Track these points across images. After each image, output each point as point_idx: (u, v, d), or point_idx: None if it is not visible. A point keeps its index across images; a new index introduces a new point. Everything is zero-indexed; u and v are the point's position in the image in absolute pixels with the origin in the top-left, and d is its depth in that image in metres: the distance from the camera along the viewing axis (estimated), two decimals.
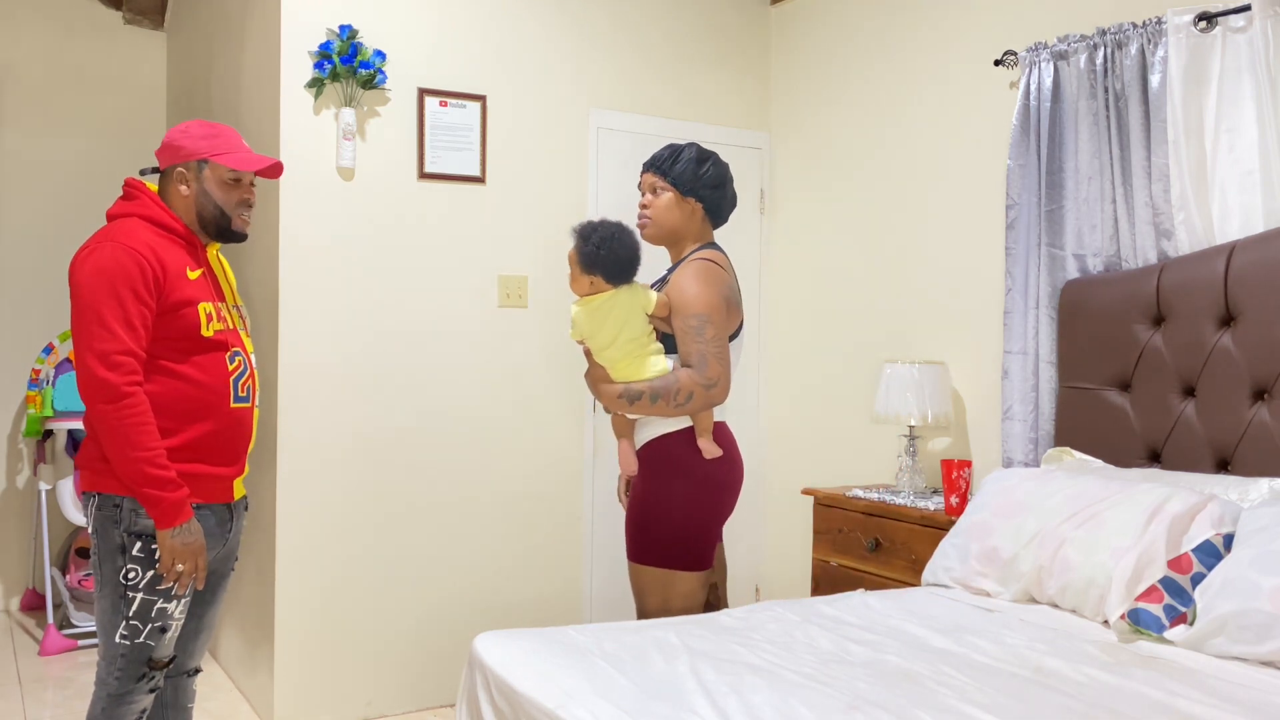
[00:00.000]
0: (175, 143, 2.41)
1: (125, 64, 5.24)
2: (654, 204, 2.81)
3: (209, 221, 2.42)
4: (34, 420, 4.58)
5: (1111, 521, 2.50)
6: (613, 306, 2.71)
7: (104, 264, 2.24)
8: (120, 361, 2.21)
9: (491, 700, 2.06)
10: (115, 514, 2.32)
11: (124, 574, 2.34)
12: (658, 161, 2.82)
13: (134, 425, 2.21)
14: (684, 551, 2.72)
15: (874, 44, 4.05)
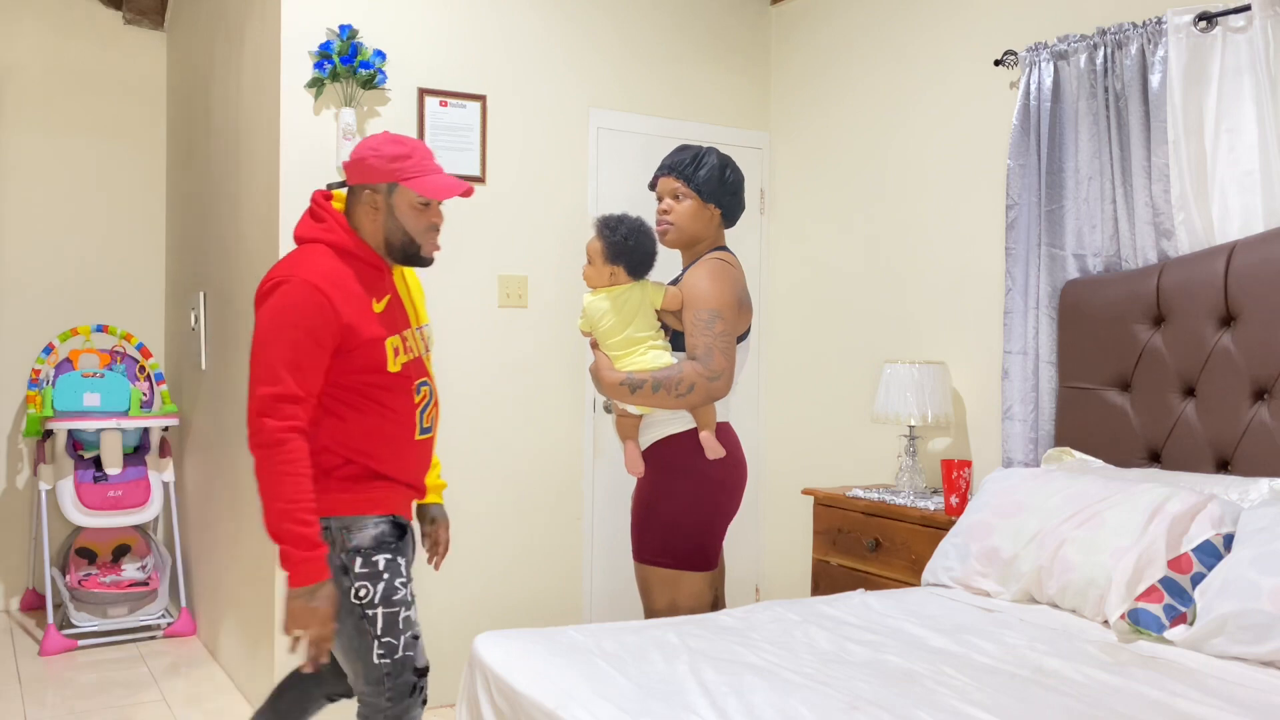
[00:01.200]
0: (365, 161, 2.29)
1: (125, 64, 5.24)
2: (676, 210, 2.81)
3: (395, 247, 2.33)
4: (34, 420, 4.59)
5: (1111, 521, 2.50)
6: (628, 299, 2.73)
7: (282, 303, 2.16)
8: (279, 408, 2.13)
9: (491, 700, 2.06)
10: (325, 536, 2.23)
11: (355, 593, 2.24)
12: (679, 167, 2.81)
13: (283, 474, 2.12)
14: (690, 552, 2.73)
15: (874, 44, 4.05)
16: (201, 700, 3.81)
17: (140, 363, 4.99)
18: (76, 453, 4.68)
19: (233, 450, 4.06)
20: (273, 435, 2.12)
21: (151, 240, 5.34)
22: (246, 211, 3.88)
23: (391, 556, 2.28)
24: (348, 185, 2.34)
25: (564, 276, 4.03)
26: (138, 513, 4.60)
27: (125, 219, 5.27)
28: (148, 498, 4.63)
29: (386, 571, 2.26)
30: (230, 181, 4.11)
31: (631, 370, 2.70)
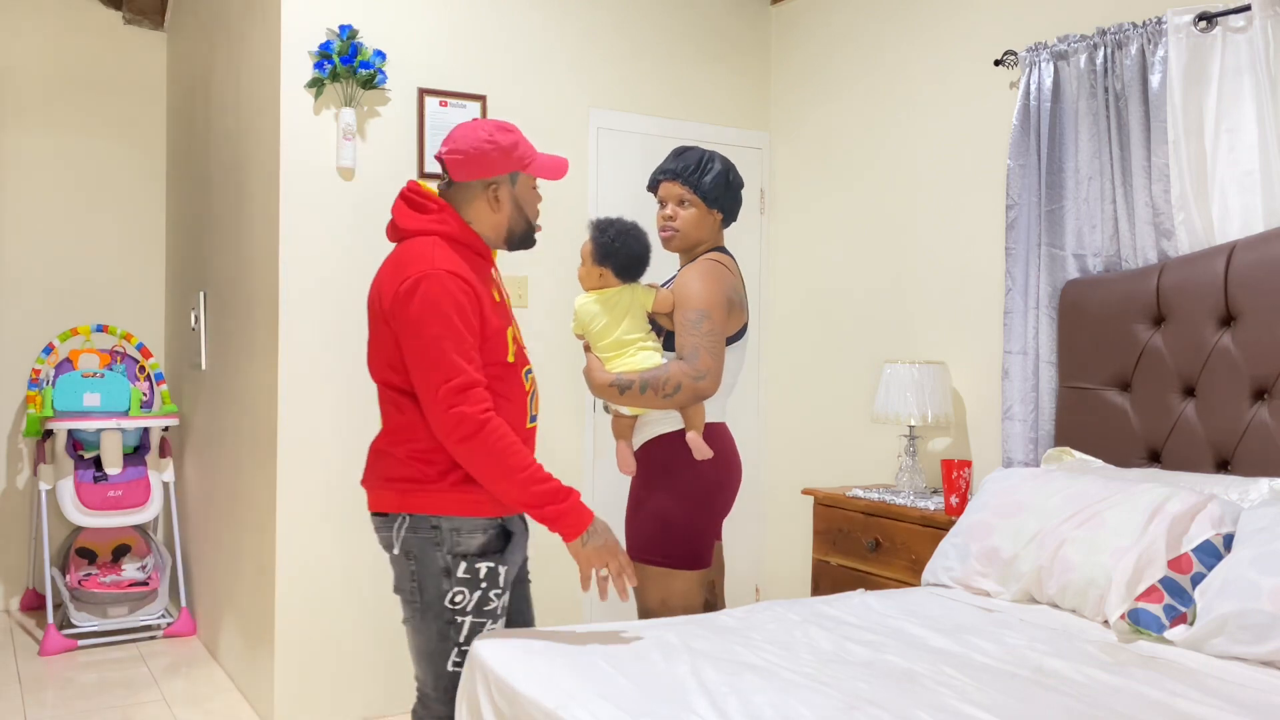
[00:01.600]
0: (486, 155, 2.23)
1: (125, 64, 5.24)
2: (681, 216, 2.81)
3: (516, 235, 2.32)
4: (34, 420, 4.59)
5: (1111, 521, 2.50)
6: (618, 301, 2.74)
7: (433, 295, 2.12)
8: (468, 395, 2.10)
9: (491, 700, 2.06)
10: (435, 535, 2.19)
11: (451, 598, 2.21)
12: (684, 173, 2.80)
13: (503, 450, 2.10)
14: (682, 550, 2.73)
15: (874, 44, 4.05)
16: (201, 700, 3.81)
17: (140, 363, 4.99)
18: (76, 453, 4.68)
19: (233, 450, 4.06)
20: (475, 421, 2.10)
21: (151, 240, 5.34)
22: (246, 211, 3.88)
23: (494, 565, 2.23)
24: (451, 180, 2.28)
25: (564, 276, 4.03)
26: (138, 513, 4.59)
27: (125, 219, 5.27)
28: (148, 498, 4.63)
29: (486, 580, 2.22)
30: (230, 181, 4.11)
31: (621, 371, 2.70)
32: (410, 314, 2.13)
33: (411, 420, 2.20)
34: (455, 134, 2.27)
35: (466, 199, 2.28)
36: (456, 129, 2.28)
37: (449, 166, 2.26)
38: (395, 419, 2.23)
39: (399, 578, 2.26)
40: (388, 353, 2.20)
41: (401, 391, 2.22)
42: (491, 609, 2.24)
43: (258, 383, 3.73)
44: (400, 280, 2.15)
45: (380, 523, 2.27)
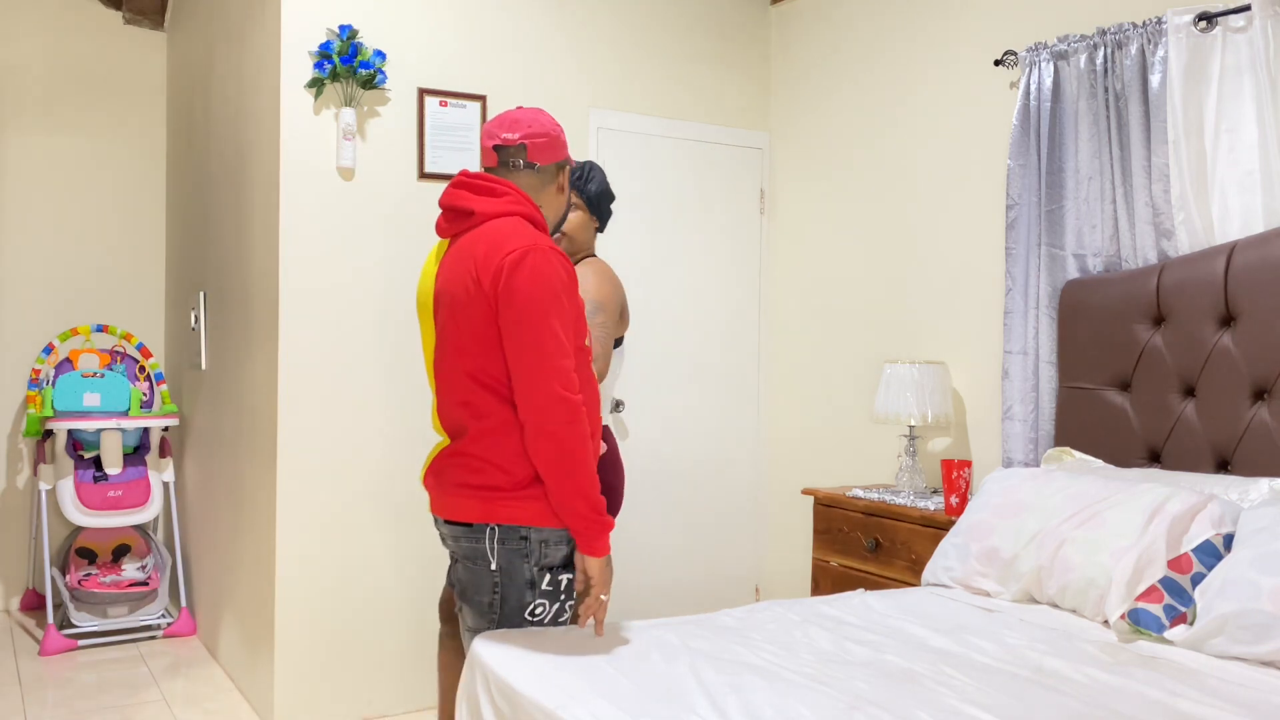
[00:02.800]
0: (560, 136, 2.25)
1: (125, 64, 5.24)
2: (570, 221, 2.92)
3: (558, 222, 2.39)
4: (34, 420, 4.59)
5: (1111, 521, 2.50)
6: None
7: (543, 270, 2.06)
8: (572, 379, 2.07)
9: (491, 700, 2.06)
10: (524, 547, 2.16)
11: (531, 610, 2.20)
12: (573, 180, 2.92)
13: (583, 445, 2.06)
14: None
15: (874, 44, 4.05)
16: (201, 700, 3.81)
17: (140, 363, 4.99)
18: (76, 453, 4.68)
19: (233, 450, 4.06)
20: (574, 409, 2.05)
21: (151, 240, 5.34)
22: (246, 211, 3.88)
23: (571, 577, 2.22)
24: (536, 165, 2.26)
25: None
26: (138, 513, 4.59)
27: (125, 219, 5.27)
28: (148, 498, 4.63)
29: (565, 592, 2.21)
30: (230, 181, 4.11)
31: None
32: (518, 287, 2.06)
33: (497, 424, 2.14)
34: (521, 118, 2.25)
35: (540, 183, 2.27)
36: (517, 114, 2.26)
37: (533, 149, 2.24)
38: (478, 423, 2.16)
39: (475, 588, 2.21)
40: (482, 341, 2.12)
41: (489, 390, 2.15)
42: (565, 620, 2.24)
43: (258, 383, 3.73)
44: (503, 254, 2.08)
45: (462, 532, 2.21)
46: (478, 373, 2.15)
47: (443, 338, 2.21)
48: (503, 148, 2.25)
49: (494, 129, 2.27)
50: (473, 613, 2.23)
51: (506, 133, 2.24)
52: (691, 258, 4.35)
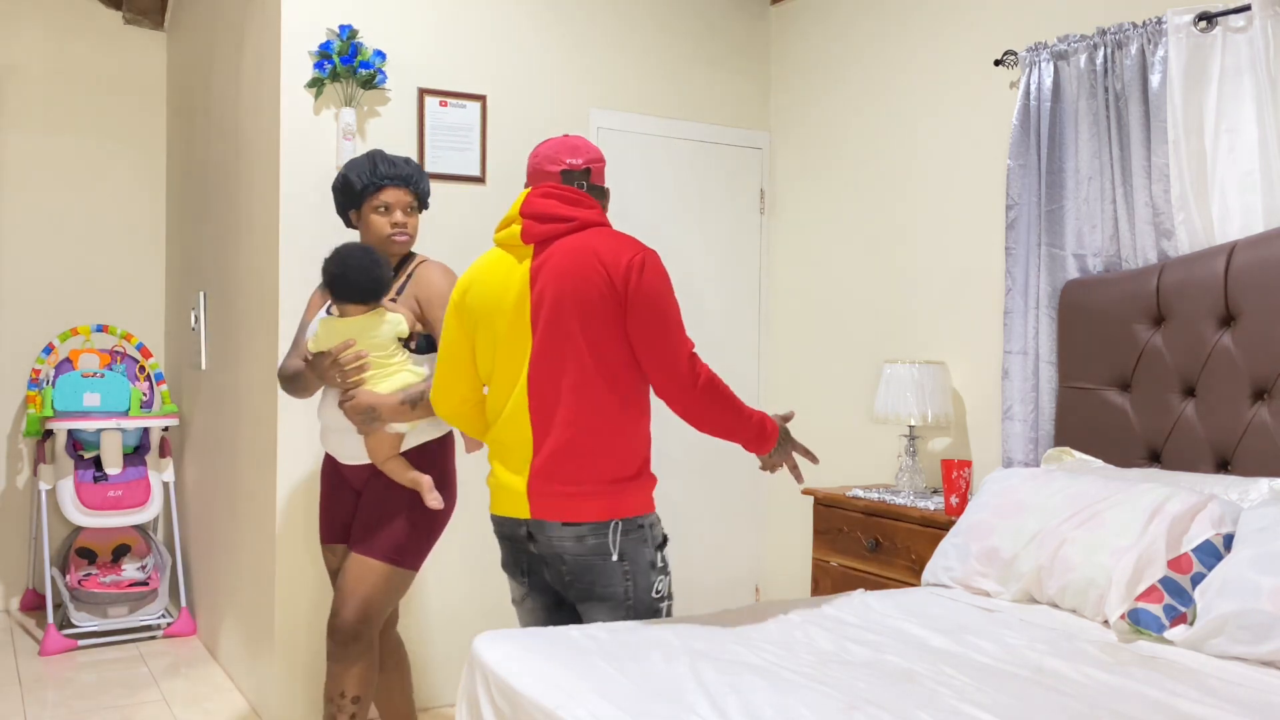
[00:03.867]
0: (605, 164, 2.51)
1: (125, 64, 5.24)
2: (409, 223, 2.88)
3: None
4: (34, 420, 4.59)
5: (1111, 521, 2.50)
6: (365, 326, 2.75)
7: (660, 271, 2.31)
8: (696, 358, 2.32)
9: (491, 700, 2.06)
10: (642, 534, 2.35)
11: (655, 589, 2.37)
12: (412, 180, 2.89)
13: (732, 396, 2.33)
14: (421, 555, 2.86)
15: (874, 44, 4.05)
16: (201, 700, 3.81)
17: (140, 363, 4.99)
18: (76, 453, 4.68)
19: (233, 450, 4.06)
20: (708, 373, 2.30)
21: (151, 240, 5.34)
22: (246, 211, 3.88)
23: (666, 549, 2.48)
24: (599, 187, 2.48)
25: None
26: (138, 513, 4.59)
27: (125, 219, 5.27)
28: (148, 498, 4.63)
29: (668, 565, 2.44)
30: (230, 181, 4.11)
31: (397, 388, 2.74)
32: (646, 287, 2.27)
33: (612, 419, 2.29)
34: (579, 145, 2.46)
35: (595, 196, 2.48)
36: (575, 142, 2.47)
37: (594, 173, 2.47)
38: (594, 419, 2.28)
39: (605, 582, 2.34)
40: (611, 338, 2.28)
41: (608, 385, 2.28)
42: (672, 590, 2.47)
43: (258, 383, 3.73)
44: (629, 256, 2.28)
45: (587, 530, 2.31)
46: (601, 369, 2.28)
47: (552, 338, 2.30)
48: (569, 172, 2.44)
49: (558, 155, 2.44)
50: (605, 608, 2.37)
51: (571, 158, 2.44)
52: (691, 258, 4.35)
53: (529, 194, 2.39)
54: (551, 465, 2.30)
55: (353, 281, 2.70)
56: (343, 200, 2.88)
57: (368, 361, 2.72)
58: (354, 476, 2.90)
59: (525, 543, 2.41)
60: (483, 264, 2.45)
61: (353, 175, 2.83)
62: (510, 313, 2.35)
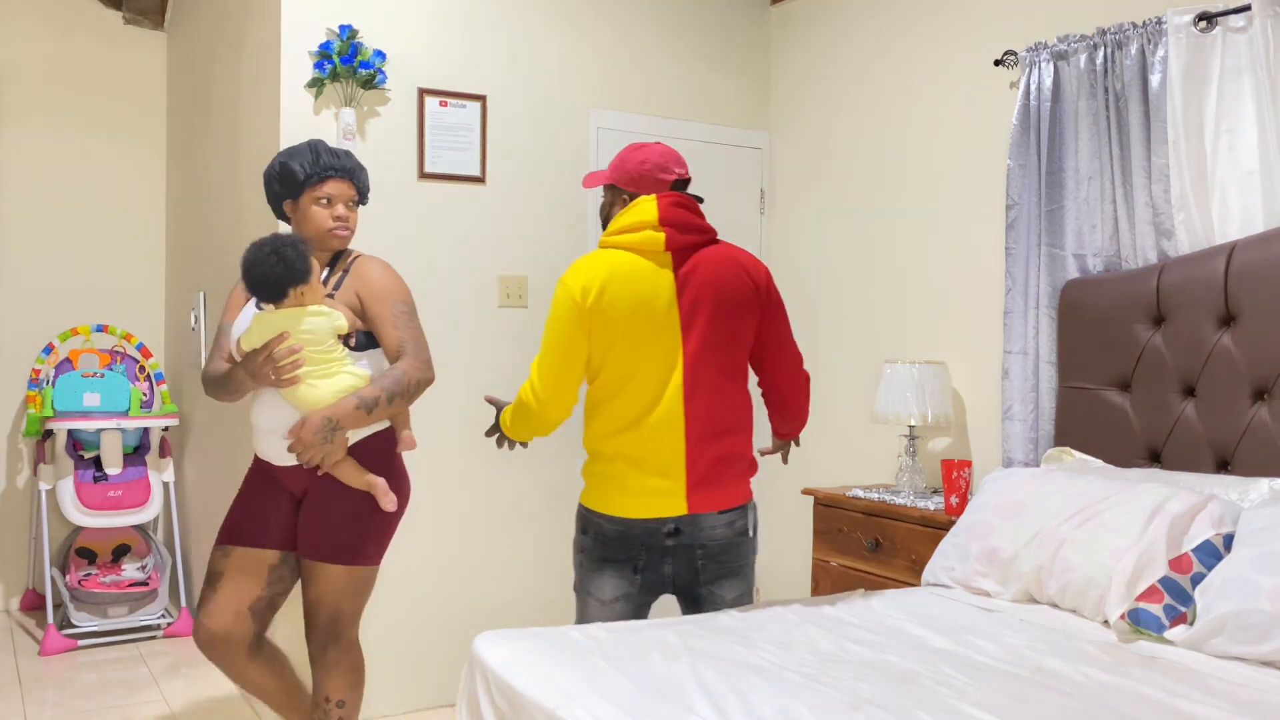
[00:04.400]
0: None
1: (125, 64, 5.24)
2: (351, 217, 2.76)
3: None
4: (34, 420, 4.59)
5: (1111, 521, 2.50)
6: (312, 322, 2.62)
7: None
8: None
9: (491, 700, 2.06)
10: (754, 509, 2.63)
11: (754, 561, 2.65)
12: (353, 173, 2.75)
13: None
14: (383, 548, 2.82)
15: (874, 44, 4.05)
16: (201, 700, 3.81)
17: (140, 363, 4.99)
18: (76, 453, 4.68)
19: (233, 450, 4.06)
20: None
21: (151, 240, 5.34)
22: (246, 212, 3.88)
23: None
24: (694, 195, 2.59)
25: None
26: (138, 513, 4.59)
27: (125, 218, 5.27)
28: (148, 498, 4.63)
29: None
30: (230, 181, 4.11)
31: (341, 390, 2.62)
32: (777, 295, 2.57)
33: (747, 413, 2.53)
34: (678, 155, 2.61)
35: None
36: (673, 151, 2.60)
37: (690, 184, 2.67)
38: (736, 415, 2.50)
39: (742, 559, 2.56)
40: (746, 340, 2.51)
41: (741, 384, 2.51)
42: None
43: None
44: (763, 267, 2.56)
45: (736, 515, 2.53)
46: (739, 369, 2.51)
47: (706, 343, 2.45)
48: (679, 181, 2.59)
49: (668, 165, 2.57)
50: (737, 581, 2.57)
51: (679, 169, 2.59)
52: None
53: (659, 202, 2.46)
54: (714, 462, 2.46)
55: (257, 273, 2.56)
56: (280, 190, 2.71)
57: (302, 357, 2.57)
58: (292, 481, 2.73)
59: (661, 540, 2.47)
60: (615, 266, 2.42)
61: (295, 163, 2.67)
62: (660, 317, 2.42)
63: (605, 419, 2.46)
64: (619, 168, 2.59)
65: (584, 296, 2.41)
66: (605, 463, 2.47)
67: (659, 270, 2.44)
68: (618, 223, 2.50)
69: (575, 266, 2.48)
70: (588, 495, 2.55)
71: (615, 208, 2.62)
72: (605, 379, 2.45)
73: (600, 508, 2.50)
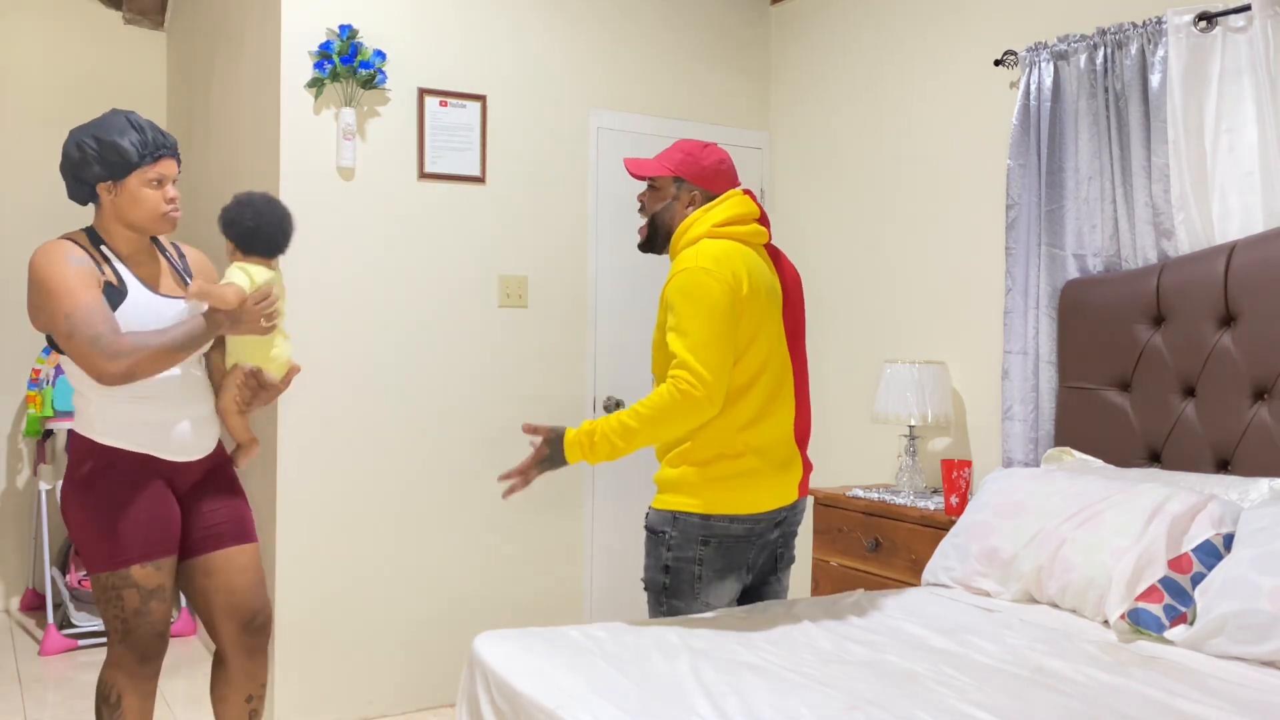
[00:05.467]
0: None
1: (125, 64, 5.24)
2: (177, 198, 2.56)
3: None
4: (34, 420, 4.58)
5: (1111, 521, 2.50)
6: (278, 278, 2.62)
7: None
8: None
9: (491, 700, 2.06)
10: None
11: None
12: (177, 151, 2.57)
13: None
14: None
15: (874, 44, 4.05)
16: (201, 700, 3.80)
17: None
18: None
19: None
20: None
21: None
22: None
23: None
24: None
25: (564, 276, 4.03)
26: None
27: None
28: None
29: None
30: (230, 181, 4.11)
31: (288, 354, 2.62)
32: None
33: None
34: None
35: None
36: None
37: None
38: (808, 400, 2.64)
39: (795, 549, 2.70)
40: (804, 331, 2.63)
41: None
42: None
43: None
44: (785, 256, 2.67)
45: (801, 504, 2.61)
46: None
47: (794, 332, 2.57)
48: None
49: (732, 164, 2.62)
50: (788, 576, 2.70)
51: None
52: None
53: (748, 198, 2.53)
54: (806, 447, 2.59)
55: (268, 233, 2.54)
56: (101, 171, 2.40)
57: (280, 309, 2.55)
58: (188, 475, 2.54)
59: (771, 531, 2.52)
60: (745, 256, 2.43)
61: (123, 141, 2.38)
62: (776, 309, 2.50)
63: (737, 412, 2.40)
64: (691, 163, 2.52)
65: (738, 283, 2.36)
66: (733, 459, 2.40)
67: (768, 263, 2.55)
68: (723, 213, 2.47)
69: (709, 255, 2.38)
70: (711, 501, 2.41)
71: (681, 202, 2.54)
72: (739, 371, 2.40)
73: (731, 509, 2.41)
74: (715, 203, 2.50)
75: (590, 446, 2.34)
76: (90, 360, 2.30)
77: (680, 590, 2.47)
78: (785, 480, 2.49)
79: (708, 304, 2.32)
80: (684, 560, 2.44)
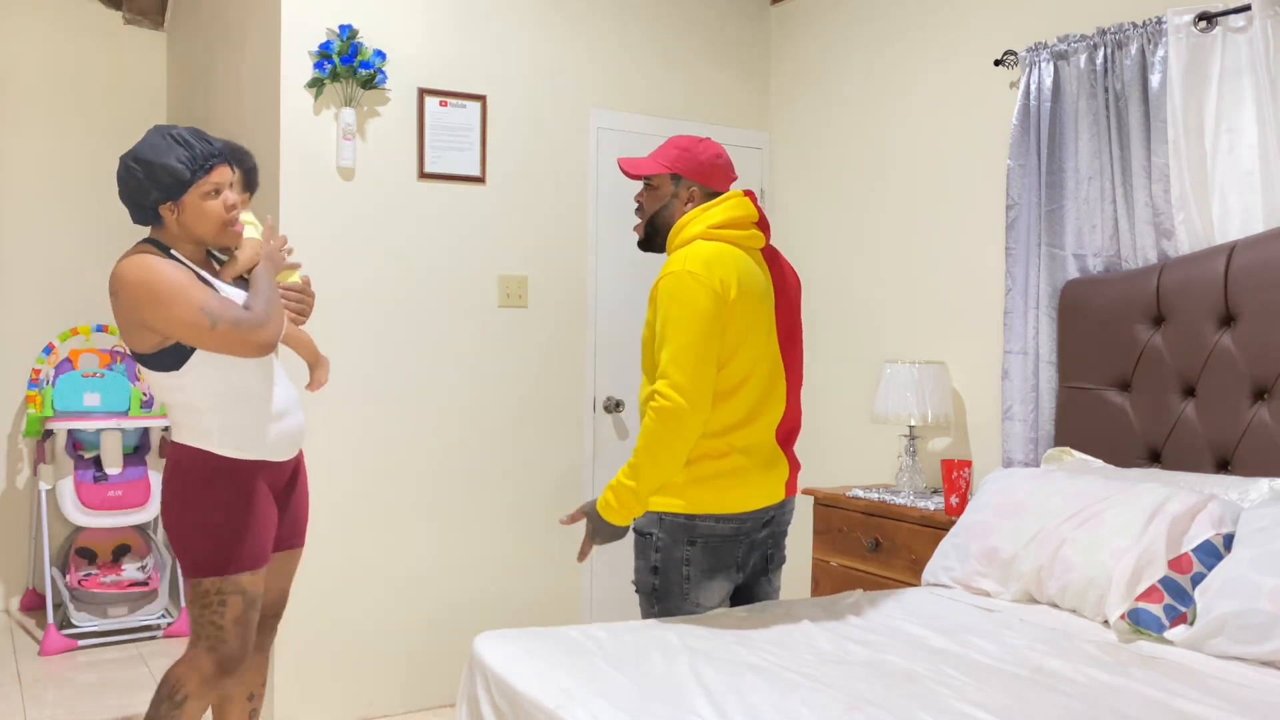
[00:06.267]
0: None
1: (125, 64, 5.24)
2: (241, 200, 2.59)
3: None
4: (34, 420, 4.59)
5: (1111, 521, 2.50)
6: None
7: None
8: None
9: (491, 700, 2.06)
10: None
11: None
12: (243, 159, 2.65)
13: None
14: None
15: (874, 44, 4.05)
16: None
17: None
18: (76, 453, 4.68)
19: None
20: None
21: None
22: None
23: None
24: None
25: (564, 276, 4.03)
26: (138, 513, 4.59)
27: (125, 219, 5.25)
28: (148, 498, 4.63)
29: None
30: None
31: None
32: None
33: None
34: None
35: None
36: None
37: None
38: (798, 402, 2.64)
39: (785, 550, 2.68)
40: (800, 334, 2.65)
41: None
42: None
43: None
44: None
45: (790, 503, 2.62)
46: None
47: (789, 335, 2.58)
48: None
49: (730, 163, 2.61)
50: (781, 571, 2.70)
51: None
52: None
53: (748, 200, 2.50)
54: (793, 448, 2.59)
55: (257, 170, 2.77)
56: (159, 194, 2.36)
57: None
58: (281, 475, 2.58)
59: (759, 530, 2.52)
60: (737, 260, 2.42)
61: (171, 160, 2.33)
62: (768, 313, 2.50)
63: (724, 414, 2.40)
64: (688, 158, 2.50)
65: (725, 290, 2.35)
66: (717, 460, 2.40)
67: (763, 267, 2.53)
68: (719, 215, 2.45)
69: (699, 258, 2.36)
70: (696, 501, 2.41)
71: (681, 199, 2.52)
72: (726, 375, 2.39)
73: (716, 509, 2.41)
74: (714, 203, 2.49)
75: (615, 502, 2.39)
76: (241, 339, 2.35)
77: (670, 591, 2.47)
78: (772, 479, 2.48)
79: (691, 310, 2.32)
80: (672, 561, 2.45)
